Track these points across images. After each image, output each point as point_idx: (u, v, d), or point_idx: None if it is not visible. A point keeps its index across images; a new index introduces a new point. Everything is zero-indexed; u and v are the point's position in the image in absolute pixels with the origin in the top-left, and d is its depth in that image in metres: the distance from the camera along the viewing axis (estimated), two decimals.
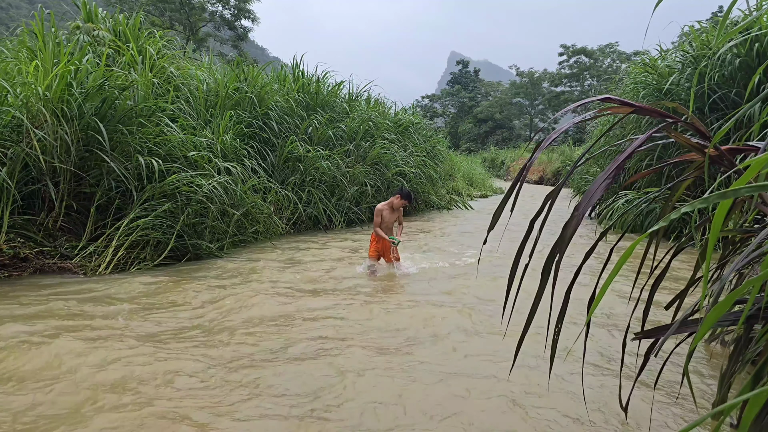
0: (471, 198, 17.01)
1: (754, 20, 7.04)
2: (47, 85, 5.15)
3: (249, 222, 6.92)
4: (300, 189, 8.49)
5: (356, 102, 11.86)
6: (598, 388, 2.60)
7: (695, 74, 3.26)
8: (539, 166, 28.30)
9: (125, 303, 3.92)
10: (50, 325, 3.29)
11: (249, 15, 32.76)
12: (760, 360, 1.23)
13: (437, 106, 64.11)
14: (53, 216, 5.14)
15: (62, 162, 5.10)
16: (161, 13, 29.98)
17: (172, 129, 6.32)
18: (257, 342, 3.16)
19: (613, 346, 3.24)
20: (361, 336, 3.33)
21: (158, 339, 3.15)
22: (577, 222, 1.27)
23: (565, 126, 1.47)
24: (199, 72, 8.48)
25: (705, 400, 2.52)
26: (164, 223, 5.51)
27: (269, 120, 8.64)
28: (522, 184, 1.40)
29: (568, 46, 51.75)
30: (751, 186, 0.93)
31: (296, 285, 4.71)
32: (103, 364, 2.67)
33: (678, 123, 1.48)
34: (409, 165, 11.27)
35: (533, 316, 1.32)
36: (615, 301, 4.26)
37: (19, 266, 4.75)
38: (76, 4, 8.25)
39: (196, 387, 2.49)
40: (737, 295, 0.94)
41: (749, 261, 1.51)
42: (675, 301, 1.86)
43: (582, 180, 12.51)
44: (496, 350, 3.10)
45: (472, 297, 4.43)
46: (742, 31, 7.09)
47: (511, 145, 47.86)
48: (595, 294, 1.39)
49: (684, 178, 1.65)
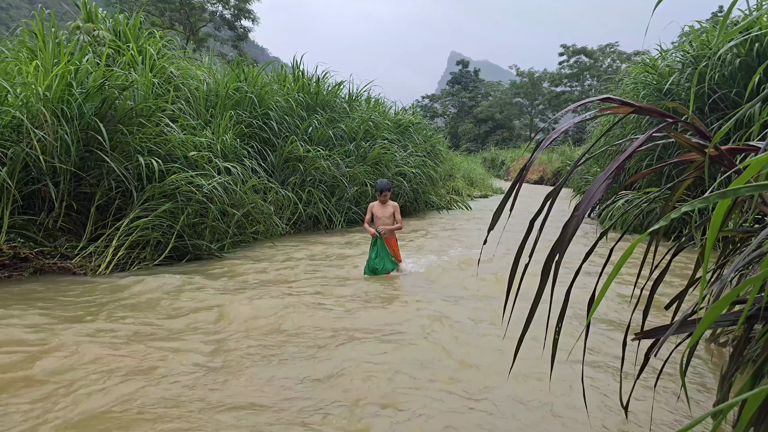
0: (471, 198, 17.02)
1: (754, 20, 7.04)
2: (47, 85, 5.16)
3: (249, 222, 6.92)
4: (300, 189, 8.49)
5: (356, 102, 11.86)
6: (599, 387, 2.60)
7: (695, 74, 3.26)
8: (539, 166, 28.30)
9: (127, 305, 3.93)
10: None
11: (249, 15, 32.82)
12: (759, 360, 1.24)
13: (437, 106, 64.14)
14: (53, 216, 5.14)
15: (62, 162, 5.11)
16: (161, 13, 30.01)
17: (172, 129, 6.32)
18: (258, 341, 3.16)
19: (613, 346, 3.24)
20: (363, 332, 3.33)
21: (157, 338, 3.16)
22: (577, 222, 1.27)
23: (565, 126, 1.47)
24: (199, 72, 8.49)
25: (705, 399, 2.52)
26: (164, 223, 5.51)
27: (269, 120, 8.64)
28: (521, 184, 1.40)
29: (568, 46, 51.80)
30: (751, 186, 0.93)
31: (296, 285, 4.71)
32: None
33: (678, 123, 1.48)
34: (409, 165, 11.27)
35: (533, 316, 1.32)
36: (615, 301, 4.26)
37: (19, 266, 4.75)
38: (76, 4, 8.25)
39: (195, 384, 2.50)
40: (735, 294, 0.94)
41: (749, 261, 1.51)
42: (675, 301, 1.86)
43: (582, 180, 12.50)
44: (496, 351, 3.10)
45: (471, 297, 4.43)
46: (742, 31, 7.08)
47: (511, 145, 47.88)
48: (595, 294, 1.39)
49: (684, 178, 1.65)
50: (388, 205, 5.38)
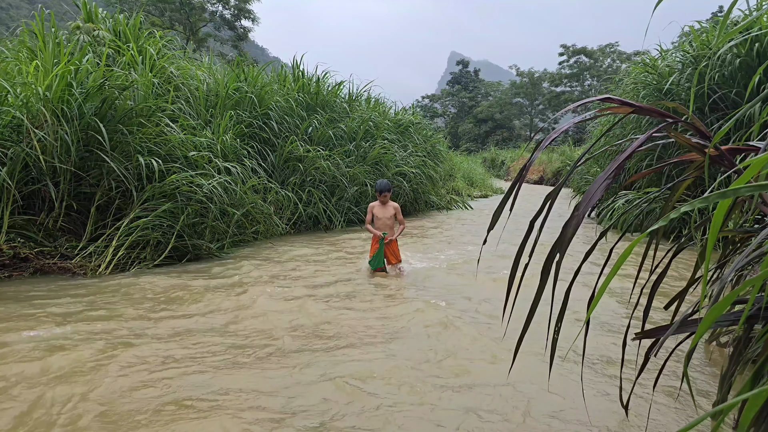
0: (471, 198, 17.01)
1: (754, 20, 7.04)
2: (47, 85, 5.16)
3: (249, 222, 6.92)
4: (300, 189, 8.49)
5: (356, 102, 11.85)
6: (599, 387, 2.60)
7: (695, 74, 3.26)
8: (539, 166, 28.30)
9: (129, 306, 3.93)
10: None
11: (249, 15, 32.83)
12: (759, 360, 1.24)
13: (437, 106, 64.17)
14: (53, 216, 5.14)
15: (62, 162, 5.11)
16: (161, 13, 30.02)
17: (172, 129, 6.32)
18: (258, 341, 3.16)
19: (613, 346, 3.24)
20: (361, 333, 3.33)
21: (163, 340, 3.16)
22: (577, 222, 1.27)
23: (565, 126, 1.47)
24: (200, 72, 8.48)
25: (705, 399, 2.52)
26: (164, 223, 5.51)
27: (269, 120, 8.64)
28: (521, 184, 1.40)
29: (568, 46, 51.81)
30: (751, 186, 0.93)
31: (296, 285, 4.71)
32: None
33: (678, 123, 1.48)
34: (409, 165, 11.27)
35: (532, 316, 1.32)
36: (615, 301, 4.26)
37: (19, 266, 4.75)
38: (76, 4, 8.25)
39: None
40: (735, 295, 0.94)
41: (749, 261, 1.51)
42: (675, 300, 1.86)
43: (582, 180, 12.51)
44: (495, 352, 3.10)
45: (471, 296, 4.43)
46: (742, 31, 7.09)
47: (511, 145, 47.88)
48: (595, 293, 1.39)
49: (684, 178, 1.65)
50: (389, 206, 5.37)
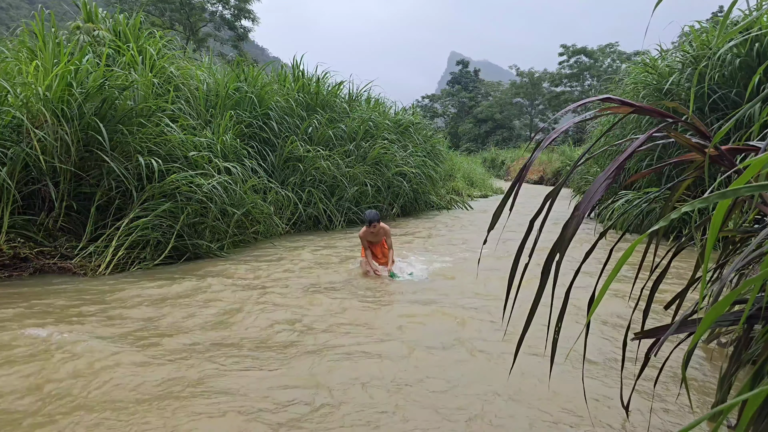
0: (471, 198, 17.00)
1: (754, 20, 7.03)
2: (47, 85, 5.16)
3: (249, 222, 6.92)
4: (300, 189, 8.49)
5: (356, 102, 11.85)
6: (599, 387, 2.60)
7: (695, 74, 3.26)
8: (539, 166, 28.28)
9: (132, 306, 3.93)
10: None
11: (249, 15, 32.79)
12: (759, 360, 1.24)
13: (437, 106, 64.10)
14: (53, 216, 5.14)
15: (62, 162, 5.11)
16: (161, 13, 30.00)
17: (172, 129, 6.32)
18: (259, 340, 3.16)
19: (613, 346, 3.24)
20: (361, 333, 3.33)
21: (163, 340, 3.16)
22: (577, 222, 1.27)
23: (565, 126, 1.47)
24: (199, 72, 8.48)
25: (705, 399, 2.52)
26: (164, 223, 5.51)
27: (269, 120, 8.64)
28: (521, 184, 1.40)
29: (568, 46, 51.73)
30: (751, 186, 0.93)
31: (296, 284, 4.71)
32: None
33: (678, 123, 1.48)
34: (409, 165, 11.27)
35: (532, 316, 1.32)
36: (615, 301, 4.26)
37: (19, 266, 4.75)
38: (76, 4, 8.26)
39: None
40: (735, 295, 0.94)
41: (749, 261, 1.51)
42: (675, 300, 1.86)
43: (582, 180, 12.49)
44: (494, 351, 3.10)
45: (471, 296, 4.42)
46: (742, 31, 7.08)
47: (511, 145, 47.85)
48: (595, 294, 1.39)
49: (684, 178, 1.65)
50: (380, 232, 5.35)
